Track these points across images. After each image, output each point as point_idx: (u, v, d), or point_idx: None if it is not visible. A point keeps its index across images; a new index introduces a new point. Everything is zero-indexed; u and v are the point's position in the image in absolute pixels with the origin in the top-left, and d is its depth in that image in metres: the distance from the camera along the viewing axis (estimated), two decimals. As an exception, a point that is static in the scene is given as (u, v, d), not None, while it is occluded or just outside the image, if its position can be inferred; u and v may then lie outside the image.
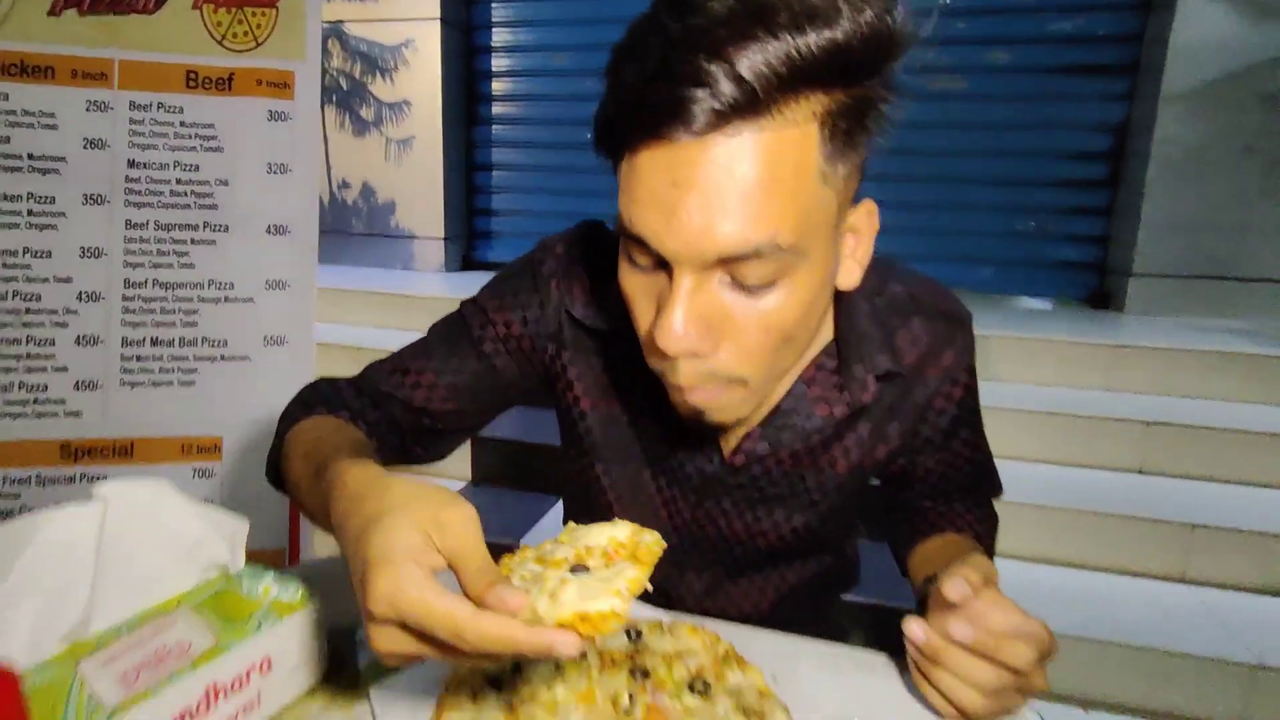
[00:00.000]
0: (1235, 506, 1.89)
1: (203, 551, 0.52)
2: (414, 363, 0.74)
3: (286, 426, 0.67)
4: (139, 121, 1.29)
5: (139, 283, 1.29)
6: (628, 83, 0.49)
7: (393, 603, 0.38)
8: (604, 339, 0.73)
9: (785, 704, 0.55)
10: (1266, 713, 1.51)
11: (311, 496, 0.55)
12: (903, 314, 0.70)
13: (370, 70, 4.05)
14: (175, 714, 0.45)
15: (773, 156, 0.47)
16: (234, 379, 1.31)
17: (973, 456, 0.79)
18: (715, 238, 0.48)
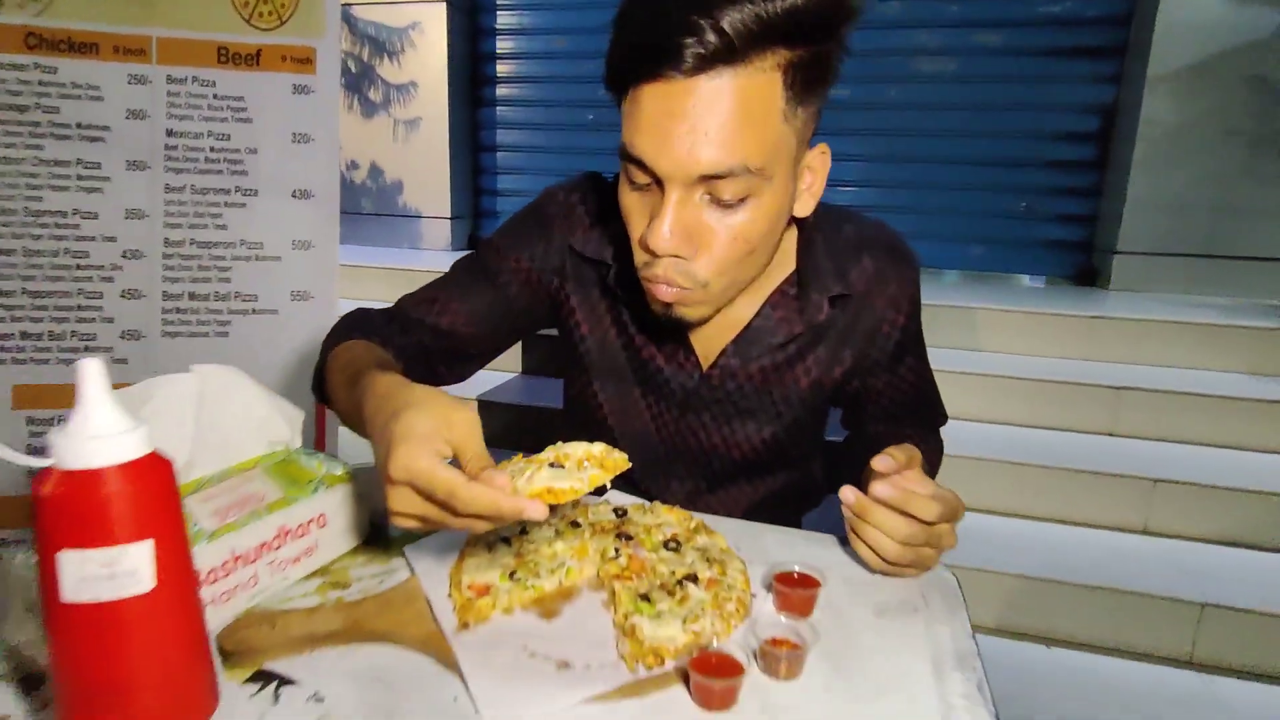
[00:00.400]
0: (1195, 464, 2.00)
1: (270, 428, 0.65)
2: (440, 293, 0.87)
3: (329, 347, 0.79)
4: (176, 94, 1.40)
5: (178, 242, 1.40)
6: (634, 30, 0.62)
7: (407, 469, 0.48)
8: (600, 271, 0.85)
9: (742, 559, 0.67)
10: (1212, 646, 1.64)
11: (347, 402, 0.67)
12: (855, 250, 0.83)
13: (378, 53, 4.14)
14: (255, 544, 0.58)
15: (745, 95, 0.60)
16: (264, 330, 1.44)
17: (917, 382, 0.91)
18: (699, 159, 0.61)
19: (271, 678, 0.51)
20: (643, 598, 0.58)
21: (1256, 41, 2.94)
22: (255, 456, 0.64)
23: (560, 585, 0.62)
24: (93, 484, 0.38)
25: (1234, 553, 1.85)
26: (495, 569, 0.61)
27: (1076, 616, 1.73)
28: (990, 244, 3.60)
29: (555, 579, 0.62)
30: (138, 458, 0.40)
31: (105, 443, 0.38)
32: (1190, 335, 2.41)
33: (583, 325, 0.89)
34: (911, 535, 0.63)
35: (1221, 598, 1.64)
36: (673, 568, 0.63)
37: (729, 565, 0.64)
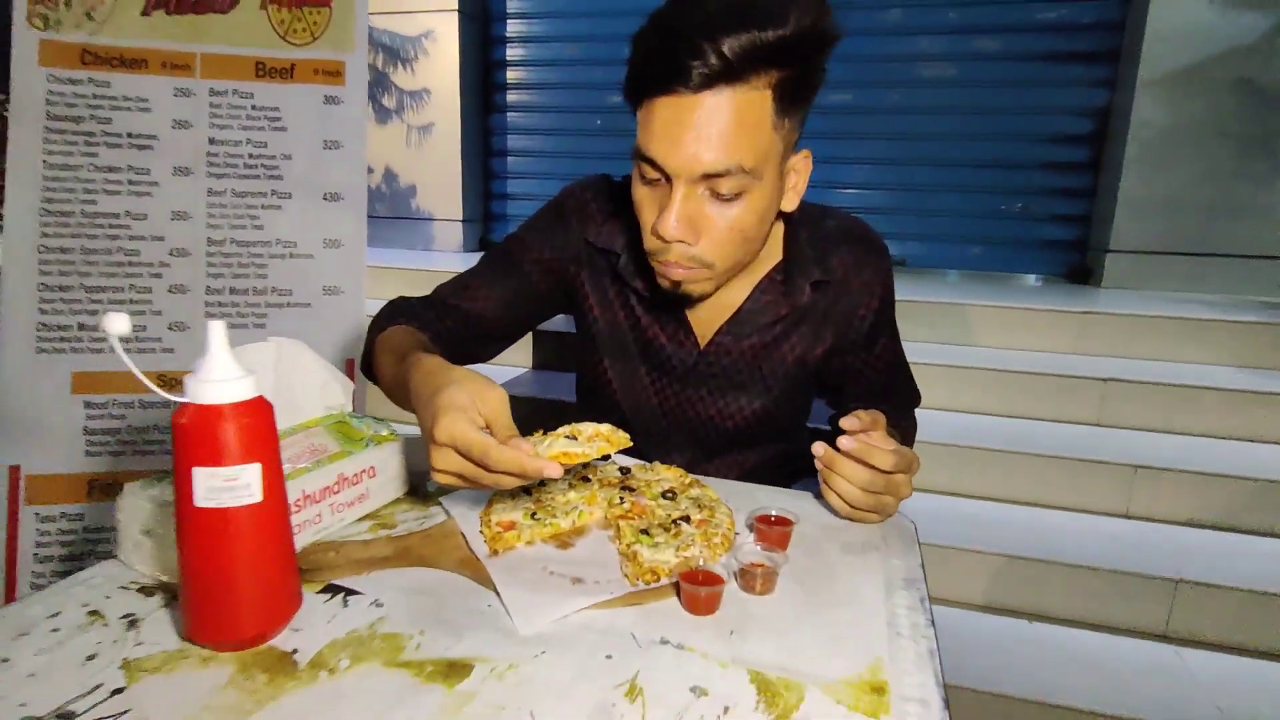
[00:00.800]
0: (1177, 452, 2.10)
1: (328, 393, 0.76)
2: (472, 281, 0.99)
3: (376, 332, 0.92)
4: (218, 105, 1.53)
5: (219, 241, 1.53)
6: (649, 51, 0.74)
7: (449, 433, 0.60)
8: (610, 260, 0.97)
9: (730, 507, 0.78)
10: (1184, 621, 1.73)
11: (393, 379, 0.79)
12: (834, 242, 0.95)
13: (392, 60, 4.28)
14: (320, 487, 0.69)
15: (741, 108, 0.72)
16: (298, 322, 1.56)
17: (892, 361, 1.02)
18: (702, 160, 0.73)
19: (339, 589, 0.62)
20: (643, 532, 0.69)
21: (1243, 46, 3.03)
22: (316, 417, 0.76)
23: (574, 524, 0.73)
24: (218, 416, 0.49)
25: (1208, 534, 1.94)
26: (519, 510, 0.72)
27: (1059, 593, 1.83)
28: (988, 244, 3.69)
29: (570, 519, 0.73)
30: (249, 399, 0.51)
31: (226, 385, 0.50)
32: (1178, 330, 2.50)
33: (595, 308, 1.01)
34: (871, 482, 0.74)
35: (1195, 575, 1.74)
36: (669, 512, 0.74)
37: (717, 510, 0.75)
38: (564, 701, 0.49)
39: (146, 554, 0.62)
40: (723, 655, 0.55)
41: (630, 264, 0.96)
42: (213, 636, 0.53)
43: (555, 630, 0.57)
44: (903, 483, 0.76)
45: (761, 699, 0.50)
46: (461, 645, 0.55)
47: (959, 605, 1.89)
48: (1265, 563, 1.80)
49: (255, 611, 0.53)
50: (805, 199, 0.88)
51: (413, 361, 0.72)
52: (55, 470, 1.46)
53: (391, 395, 0.82)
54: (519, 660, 0.53)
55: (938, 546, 1.88)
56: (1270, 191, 3.08)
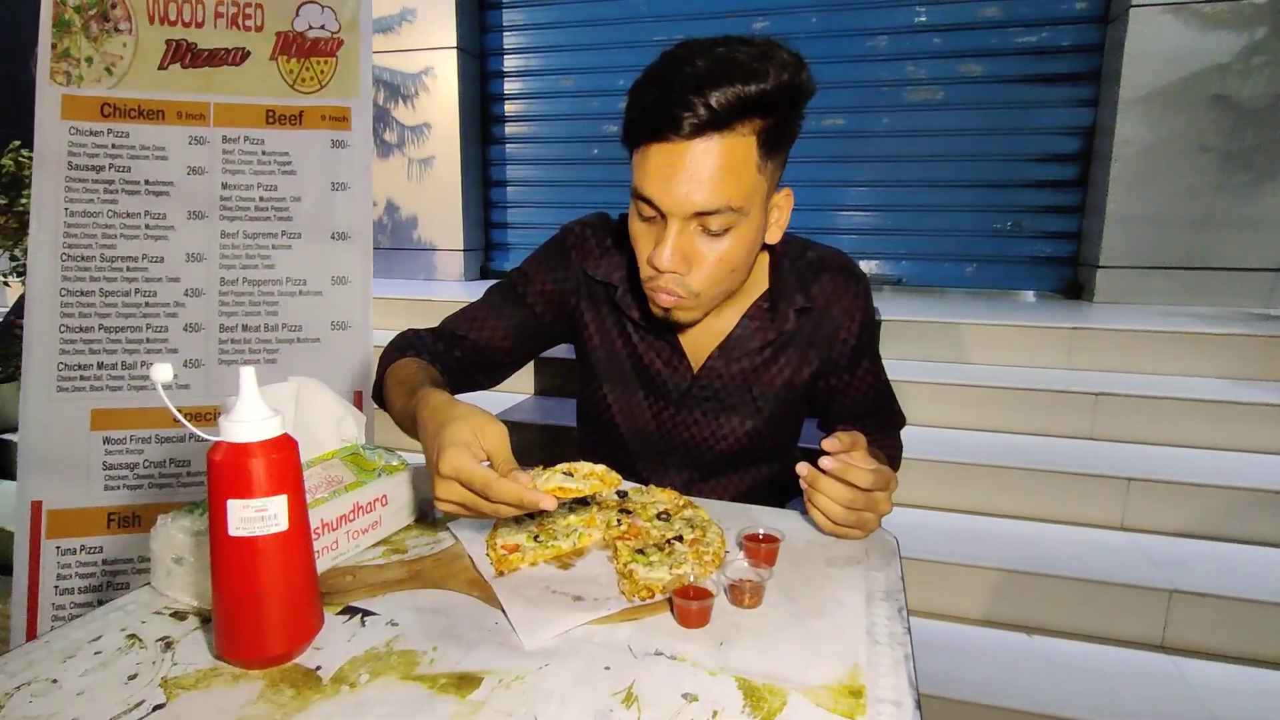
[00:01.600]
0: (1169, 464, 2.14)
1: (343, 427, 0.82)
2: (479, 312, 1.06)
3: (387, 364, 0.97)
4: (230, 152, 1.60)
5: (232, 281, 1.59)
6: (645, 103, 0.81)
7: (454, 467, 0.65)
8: (608, 292, 1.03)
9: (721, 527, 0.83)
10: (1181, 632, 1.76)
11: (403, 410, 0.84)
12: (815, 271, 1.01)
13: (393, 97, 4.40)
14: (337, 515, 0.74)
15: (729, 154, 0.79)
16: (308, 357, 1.62)
17: (874, 384, 1.08)
18: (694, 200, 0.80)
19: (357, 611, 0.67)
20: (638, 552, 0.74)
21: (1219, 64, 3.12)
22: (333, 450, 0.81)
23: (574, 546, 0.78)
24: (249, 453, 0.55)
25: (1203, 544, 1.97)
26: (522, 533, 0.77)
27: (1055, 607, 1.86)
28: (983, 262, 3.76)
29: (570, 541, 0.78)
30: (276, 436, 0.56)
31: (256, 425, 0.55)
32: (1168, 343, 2.55)
33: (594, 337, 1.07)
34: (852, 500, 0.79)
35: (1190, 585, 1.77)
36: (663, 532, 0.79)
37: (709, 530, 0.80)
38: (566, 708, 0.54)
39: (179, 581, 0.67)
40: (712, 664, 0.60)
41: (627, 295, 1.02)
42: (243, 654, 0.58)
43: (558, 644, 0.62)
44: (882, 500, 0.81)
45: (748, 703, 0.55)
46: (471, 659, 0.59)
47: (957, 620, 1.92)
48: (1260, 572, 1.84)
49: (282, 631, 0.58)
50: (797, 227, 0.94)
51: (421, 396, 0.78)
52: (75, 504, 1.51)
53: (401, 425, 0.87)
54: (525, 671, 0.58)
55: (935, 562, 1.92)
56: (1252, 204, 3.14)
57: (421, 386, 0.81)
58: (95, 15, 1.56)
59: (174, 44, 1.59)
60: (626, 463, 1.11)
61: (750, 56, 0.78)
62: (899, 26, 3.70)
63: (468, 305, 1.08)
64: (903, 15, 3.69)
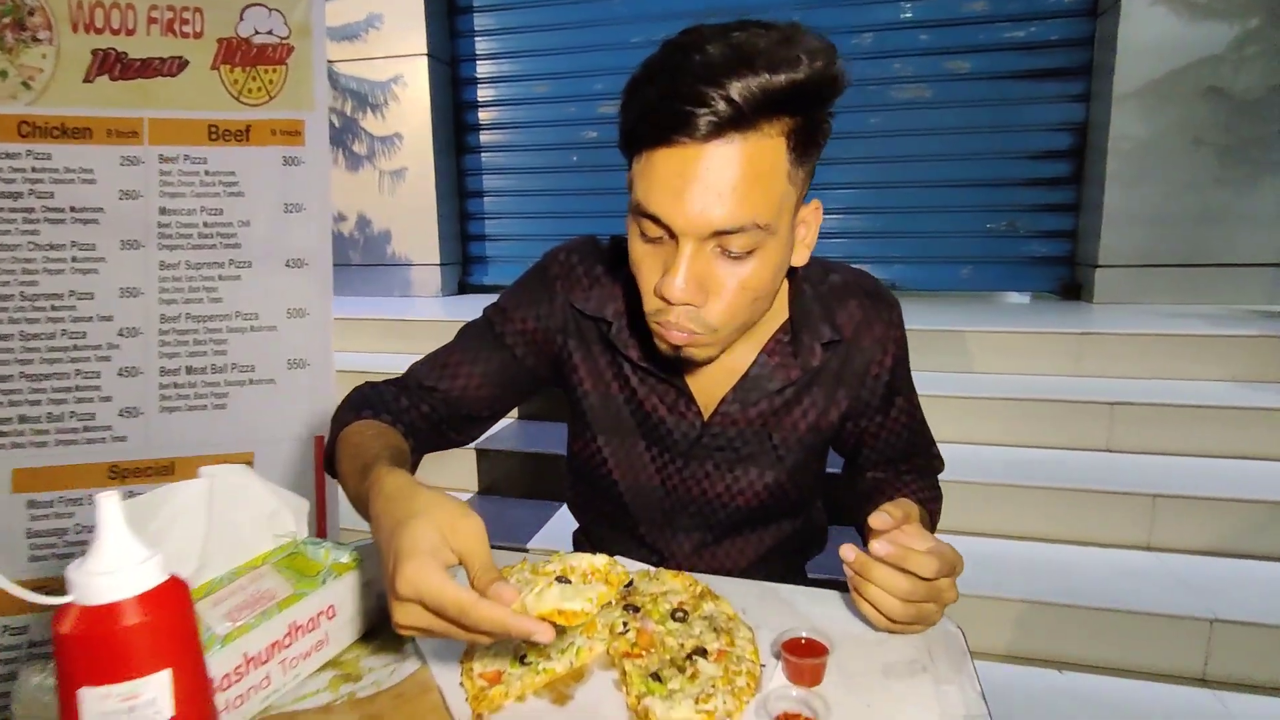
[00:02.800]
0: (1195, 477, 2.02)
1: (277, 521, 0.66)
2: (451, 358, 0.89)
3: (339, 428, 0.81)
4: (168, 172, 1.43)
5: (173, 317, 1.42)
6: (649, 99, 0.65)
7: (414, 587, 0.50)
8: (600, 328, 0.88)
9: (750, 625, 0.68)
10: (1224, 663, 1.64)
11: (355, 492, 0.68)
12: (841, 297, 0.87)
13: (361, 107, 4.22)
14: (267, 644, 0.58)
15: (754, 159, 0.65)
16: (262, 400, 1.44)
17: (910, 424, 0.93)
18: (712, 216, 0.65)
19: (290, 784, 0.51)
20: (653, 677, 0.58)
21: (1212, 56, 3.03)
22: (264, 553, 0.65)
23: (571, 666, 0.62)
24: (112, 618, 0.39)
25: (1239, 564, 1.85)
26: (505, 654, 0.62)
27: (1086, 639, 1.73)
28: (977, 264, 3.65)
29: (566, 659, 0.62)
30: (155, 586, 0.40)
31: (122, 576, 0.39)
32: (1182, 347, 2.44)
33: (585, 381, 0.91)
34: (912, 591, 0.64)
35: (1230, 613, 1.64)
36: (681, 640, 0.64)
37: (736, 634, 0.65)
38: None
39: (50, 756, 0.51)
40: None
41: (623, 331, 0.87)
42: None
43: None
44: (946, 588, 0.67)
45: None
46: None
47: (981, 656, 1.78)
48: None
49: None
50: None
51: (375, 479, 0.62)
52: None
53: (356, 508, 0.71)
54: None
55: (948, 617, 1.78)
56: (1251, 199, 3.06)
57: (376, 464, 0.65)
58: (10, 24, 1.38)
59: (101, 54, 1.41)
60: (628, 525, 0.96)
61: (774, 42, 0.63)
62: (884, 23, 3.59)
63: (437, 350, 0.92)
64: (888, 11, 3.58)
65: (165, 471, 1.41)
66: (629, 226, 0.73)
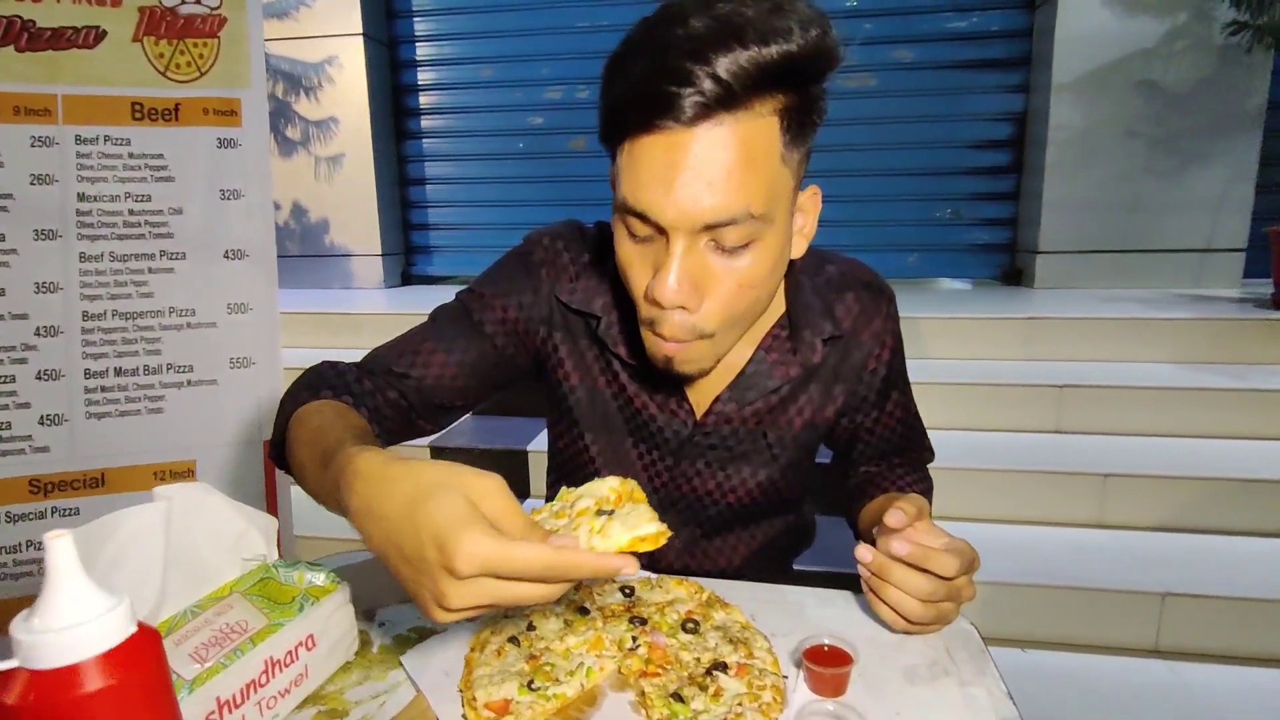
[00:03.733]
0: (1144, 455, 2.10)
1: (244, 544, 0.58)
2: (423, 344, 0.82)
3: (290, 410, 0.71)
4: (86, 155, 1.30)
5: (98, 314, 1.29)
6: (628, 82, 0.60)
7: (480, 560, 0.42)
8: (588, 324, 0.83)
9: (765, 633, 0.64)
10: (1175, 635, 1.71)
11: (319, 483, 0.58)
12: (838, 289, 0.84)
13: (293, 89, 4.00)
14: (242, 684, 0.52)
15: (746, 141, 0.59)
16: (203, 403, 1.34)
17: (904, 417, 0.91)
18: (704, 207, 0.60)
19: None
20: (675, 697, 0.54)
21: (1144, 50, 3.15)
22: (230, 580, 0.58)
23: (582, 688, 0.57)
24: (71, 684, 0.32)
25: (1188, 538, 1.93)
26: (511, 680, 0.56)
27: (1044, 617, 1.77)
28: (922, 251, 3.73)
29: (576, 681, 0.57)
30: (120, 641, 0.34)
31: (81, 631, 0.32)
32: (1126, 330, 2.53)
33: (571, 376, 0.86)
34: (933, 592, 0.62)
35: (1181, 586, 1.71)
36: (696, 654, 0.60)
37: (754, 645, 0.61)
38: None
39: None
40: None
41: (612, 327, 0.82)
42: None
43: None
44: (964, 585, 0.64)
45: None
46: None
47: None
48: (1249, 565, 1.80)
49: None
50: None
51: (344, 464, 0.51)
52: (-101, 609, 1.19)
53: (318, 499, 0.60)
54: None
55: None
56: (1179, 188, 3.20)
57: (341, 447, 0.55)
58: (-106, -15, 1.23)
59: (5, 22, 1.27)
60: None
61: (764, 11, 0.58)
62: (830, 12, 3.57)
63: (404, 335, 0.84)
64: (832, 0, 3.59)
65: (94, 484, 1.29)
66: (615, 226, 0.68)
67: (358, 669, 0.62)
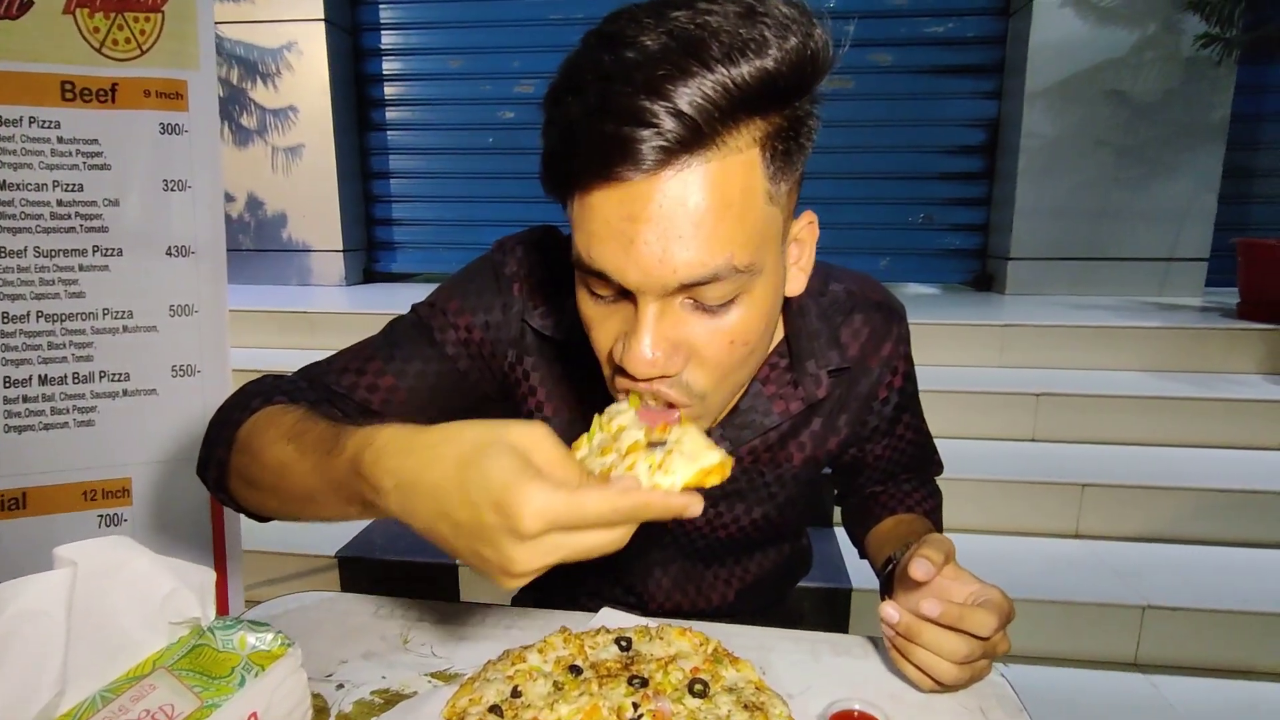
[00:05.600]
0: (1120, 465, 2.10)
1: (172, 606, 0.49)
2: (369, 364, 0.71)
3: (240, 417, 0.61)
4: (8, 138, 1.16)
5: (19, 316, 1.16)
6: (571, 122, 0.50)
7: (547, 515, 0.40)
8: (561, 347, 0.73)
9: (782, 695, 0.57)
10: (1155, 648, 1.69)
11: (321, 474, 0.51)
12: (845, 310, 0.75)
13: (249, 75, 3.82)
14: (165, 786, 0.42)
15: (721, 184, 0.49)
16: (140, 415, 1.21)
17: (915, 439, 0.85)
18: (675, 266, 0.50)
19: None
20: (688, 783, 0.46)
21: (1114, 60, 3.19)
22: (154, 653, 0.48)
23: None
24: None
25: (1167, 549, 1.93)
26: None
27: (1025, 631, 1.74)
28: (895, 255, 3.72)
29: (571, 762, 0.49)
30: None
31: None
32: (1100, 338, 2.54)
33: (545, 406, 0.76)
34: (969, 654, 0.55)
35: (1160, 598, 1.70)
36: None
37: (770, 711, 0.54)
38: None
39: None
40: None
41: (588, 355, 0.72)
42: None
43: None
44: (1000, 640, 0.58)
45: None
46: None
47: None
48: (1228, 576, 1.80)
49: None
50: None
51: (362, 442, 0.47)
52: None
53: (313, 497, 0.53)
54: None
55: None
56: (1145, 197, 3.25)
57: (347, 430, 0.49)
58: None
59: (-87, -14, 1.13)
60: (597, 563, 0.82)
61: (730, 19, 0.47)
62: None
63: (349, 349, 0.73)
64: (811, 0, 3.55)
65: (14, 505, 1.16)
66: (575, 280, 0.58)
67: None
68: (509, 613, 0.72)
